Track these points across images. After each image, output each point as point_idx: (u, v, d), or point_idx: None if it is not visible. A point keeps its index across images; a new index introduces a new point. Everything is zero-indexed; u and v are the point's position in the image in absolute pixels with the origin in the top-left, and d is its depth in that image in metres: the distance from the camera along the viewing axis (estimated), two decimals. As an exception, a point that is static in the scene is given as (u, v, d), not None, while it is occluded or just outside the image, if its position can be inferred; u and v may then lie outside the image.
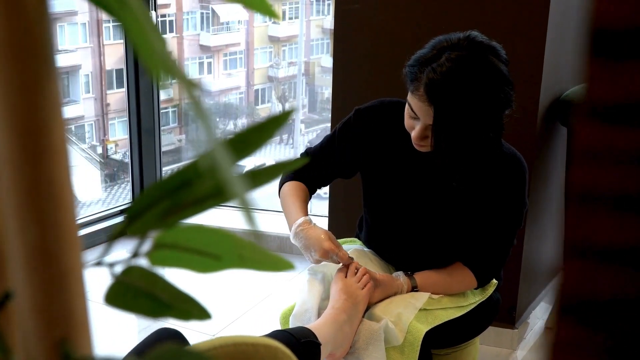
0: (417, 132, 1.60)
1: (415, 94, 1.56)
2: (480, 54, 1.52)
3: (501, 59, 1.55)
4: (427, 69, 1.52)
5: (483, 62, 1.51)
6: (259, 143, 0.39)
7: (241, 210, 0.33)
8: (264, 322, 2.76)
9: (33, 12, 0.31)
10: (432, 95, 1.51)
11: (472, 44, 1.52)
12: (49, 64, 0.32)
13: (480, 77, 1.50)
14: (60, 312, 0.33)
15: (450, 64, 1.50)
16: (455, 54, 1.51)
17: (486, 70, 1.51)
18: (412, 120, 1.62)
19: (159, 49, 0.29)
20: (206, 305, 0.45)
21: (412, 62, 1.58)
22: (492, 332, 2.49)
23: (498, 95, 1.52)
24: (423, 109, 1.55)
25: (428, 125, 1.58)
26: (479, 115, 1.53)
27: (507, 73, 1.54)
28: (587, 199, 0.34)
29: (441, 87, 1.50)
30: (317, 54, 11.73)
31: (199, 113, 0.30)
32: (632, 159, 0.33)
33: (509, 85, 1.54)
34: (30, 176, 0.32)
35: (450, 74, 1.50)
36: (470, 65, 1.50)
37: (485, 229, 1.74)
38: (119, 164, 9.31)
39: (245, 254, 0.44)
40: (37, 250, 0.32)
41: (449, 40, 1.54)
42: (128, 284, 0.39)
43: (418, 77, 1.54)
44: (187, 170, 0.38)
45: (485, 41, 1.55)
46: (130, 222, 0.38)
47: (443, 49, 1.53)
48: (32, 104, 0.31)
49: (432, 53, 1.54)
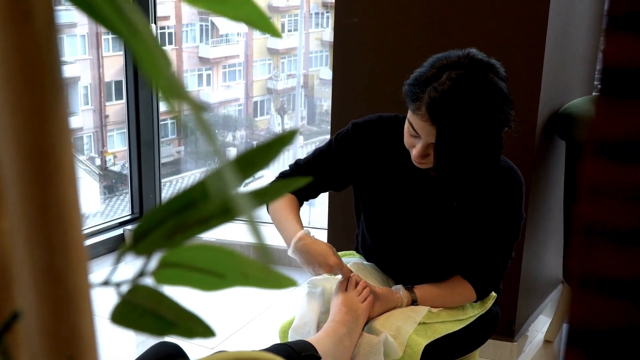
0: (418, 151, 1.61)
1: (416, 114, 1.56)
2: (480, 72, 1.52)
3: (500, 76, 1.55)
4: (429, 89, 1.52)
5: (483, 80, 1.52)
6: (264, 162, 0.39)
7: (249, 228, 0.33)
8: (263, 335, 2.75)
9: (42, 33, 0.32)
10: (434, 114, 1.52)
11: (472, 62, 1.53)
12: (57, 84, 0.32)
13: (481, 96, 1.51)
14: (68, 332, 0.33)
15: (451, 82, 1.50)
16: (455, 73, 1.51)
17: (487, 88, 1.52)
18: (412, 139, 1.62)
19: (169, 75, 0.29)
20: (210, 323, 0.45)
21: (412, 81, 1.58)
22: (491, 345, 2.49)
23: (499, 113, 1.53)
24: (425, 128, 1.56)
25: (429, 143, 1.58)
26: (481, 133, 1.53)
27: (506, 91, 1.55)
28: (593, 233, 0.35)
29: (443, 106, 1.51)
30: (316, 66, 11.77)
31: (209, 138, 0.30)
32: (637, 195, 0.34)
33: (508, 104, 1.55)
34: (39, 197, 0.32)
35: (451, 93, 1.50)
36: (471, 84, 1.51)
37: (483, 243, 1.74)
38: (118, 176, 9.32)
39: (249, 272, 0.44)
40: (46, 271, 0.32)
41: (449, 59, 1.54)
42: (134, 303, 0.39)
43: (419, 97, 1.54)
44: (192, 190, 0.38)
45: (485, 59, 1.55)
46: (137, 241, 0.38)
47: (443, 67, 1.53)
48: (41, 125, 0.31)
49: (431, 72, 1.54)
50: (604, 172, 0.34)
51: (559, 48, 2.42)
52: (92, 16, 0.31)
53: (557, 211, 2.73)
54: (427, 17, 2.40)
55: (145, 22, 0.31)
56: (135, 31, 0.29)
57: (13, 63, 0.30)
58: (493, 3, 2.31)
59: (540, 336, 2.78)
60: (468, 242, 1.75)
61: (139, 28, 0.29)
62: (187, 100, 0.30)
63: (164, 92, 0.29)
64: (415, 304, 1.75)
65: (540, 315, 2.85)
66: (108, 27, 0.30)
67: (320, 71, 11.57)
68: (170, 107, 0.29)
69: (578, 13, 2.60)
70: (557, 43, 2.39)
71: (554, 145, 2.58)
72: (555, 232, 2.79)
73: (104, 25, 0.30)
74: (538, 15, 2.25)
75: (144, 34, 0.29)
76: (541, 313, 2.86)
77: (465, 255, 1.77)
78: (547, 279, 2.89)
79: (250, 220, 0.34)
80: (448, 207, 1.72)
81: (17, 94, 0.31)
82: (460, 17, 2.35)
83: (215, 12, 0.47)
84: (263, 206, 0.41)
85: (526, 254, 2.47)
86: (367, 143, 1.78)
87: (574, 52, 2.65)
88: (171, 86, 0.29)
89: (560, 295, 2.75)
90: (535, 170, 2.40)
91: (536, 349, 2.71)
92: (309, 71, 11.65)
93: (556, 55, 2.40)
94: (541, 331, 2.80)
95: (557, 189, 2.69)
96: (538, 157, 2.43)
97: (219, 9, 0.47)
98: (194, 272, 0.42)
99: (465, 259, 1.77)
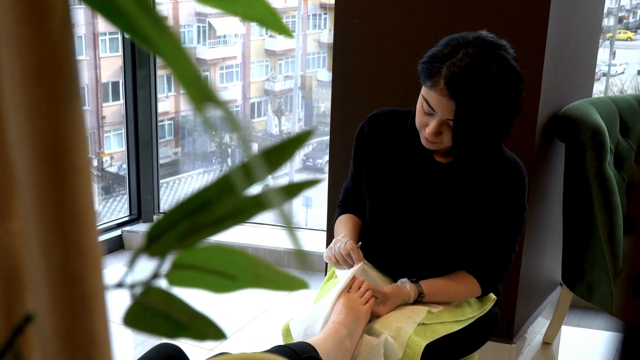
0: (432, 128, 1.63)
1: (433, 89, 1.59)
2: (494, 50, 1.59)
3: (511, 55, 1.62)
4: (447, 64, 1.57)
5: (498, 58, 1.58)
6: (278, 163, 0.39)
7: (288, 233, 0.33)
8: (264, 335, 2.75)
9: (58, 33, 0.31)
10: (453, 88, 1.56)
11: (485, 42, 1.60)
12: (73, 87, 0.32)
13: (498, 72, 1.57)
14: (82, 335, 0.33)
15: (469, 59, 1.56)
16: (472, 50, 1.57)
17: (502, 65, 1.58)
18: (426, 117, 1.65)
19: (199, 79, 0.29)
20: (222, 326, 0.45)
21: (428, 59, 1.63)
22: (490, 347, 2.49)
23: (513, 90, 1.59)
24: (443, 103, 1.59)
25: (444, 120, 1.61)
26: (496, 107, 1.58)
27: (519, 69, 1.62)
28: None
29: (462, 80, 1.55)
30: (314, 67, 11.77)
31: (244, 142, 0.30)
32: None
33: (521, 81, 1.62)
34: (55, 199, 0.31)
35: (469, 68, 1.56)
36: (487, 60, 1.57)
37: (486, 235, 1.75)
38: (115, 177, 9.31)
39: (261, 274, 0.44)
40: (61, 273, 0.32)
41: (464, 38, 1.61)
42: (146, 305, 0.39)
43: (438, 72, 1.59)
44: (206, 191, 0.38)
45: (495, 40, 1.62)
46: (150, 243, 0.38)
47: (459, 45, 1.59)
48: (57, 128, 0.31)
49: (447, 49, 1.60)
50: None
51: (558, 50, 2.42)
52: (113, 19, 0.30)
53: (557, 213, 2.73)
54: (426, 18, 2.40)
55: (167, 21, 0.30)
56: (164, 32, 0.28)
57: (29, 64, 0.30)
58: (493, 6, 2.31)
59: (539, 338, 2.78)
60: (471, 233, 1.75)
61: (168, 29, 0.29)
62: (217, 102, 0.29)
63: (194, 95, 0.29)
64: (421, 297, 1.75)
65: (539, 317, 2.85)
66: (132, 30, 0.29)
67: (318, 73, 11.57)
68: (200, 110, 0.29)
69: (578, 16, 2.60)
70: (557, 45, 2.39)
71: (553, 147, 2.58)
72: (554, 234, 2.78)
73: (127, 28, 0.30)
74: (538, 18, 2.25)
75: (173, 35, 0.29)
76: (540, 315, 2.86)
77: (469, 248, 1.77)
78: (545, 281, 2.89)
79: (288, 226, 0.34)
80: (452, 194, 1.73)
81: (34, 95, 0.30)
82: (459, 19, 2.35)
83: (227, 11, 0.46)
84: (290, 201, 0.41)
85: (525, 256, 2.47)
86: (377, 132, 1.82)
87: (574, 55, 2.65)
88: (201, 89, 0.29)
89: (558, 297, 2.74)
90: (535, 172, 2.39)
91: (535, 350, 2.71)
92: (306, 73, 11.65)
93: (556, 58, 2.40)
94: (540, 333, 2.80)
95: (556, 191, 2.68)
96: (538, 159, 2.43)
97: (231, 8, 0.46)
98: (206, 274, 0.42)
99: (468, 252, 1.78)
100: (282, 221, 0.33)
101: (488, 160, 1.72)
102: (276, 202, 0.41)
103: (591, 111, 2.44)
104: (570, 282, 2.62)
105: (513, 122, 1.65)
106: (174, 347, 1.48)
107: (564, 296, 2.69)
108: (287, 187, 0.42)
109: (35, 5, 0.29)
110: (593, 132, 2.36)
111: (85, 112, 0.41)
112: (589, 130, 2.36)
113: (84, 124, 0.32)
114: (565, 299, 2.69)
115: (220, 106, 0.29)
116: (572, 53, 2.63)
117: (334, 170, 2.66)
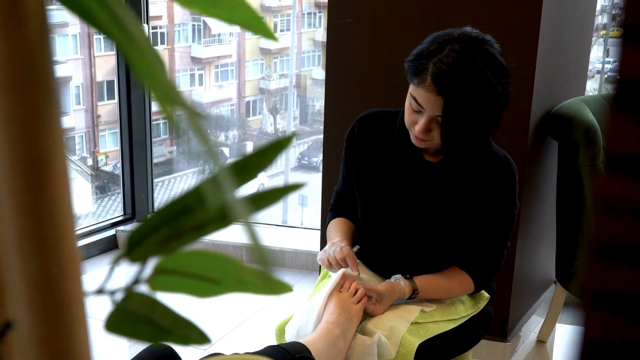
0: (421, 126, 1.63)
1: (421, 86, 1.60)
2: (479, 45, 1.59)
3: (497, 49, 1.63)
4: (433, 60, 1.58)
5: (484, 52, 1.59)
6: (260, 168, 0.39)
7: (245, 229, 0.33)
8: (257, 336, 2.75)
9: (35, 38, 0.31)
10: (440, 85, 1.57)
11: (470, 38, 1.60)
12: (50, 91, 0.32)
13: (484, 67, 1.57)
14: (62, 341, 0.33)
15: (455, 54, 1.57)
16: (458, 46, 1.58)
17: (488, 60, 1.59)
18: (415, 115, 1.65)
19: (163, 80, 0.29)
20: (204, 329, 0.45)
21: (414, 56, 1.63)
22: (484, 345, 2.49)
23: (500, 84, 1.60)
24: (430, 100, 1.59)
25: (433, 117, 1.62)
26: (484, 103, 1.59)
27: (505, 63, 1.62)
28: (608, 251, 0.34)
29: (448, 76, 1.56)
30: (309, 66, 11.76)
31: (205, 143, 0.30)
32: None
33: (507, 75, 1.62)
34: (32, 205, 0.31)
35: (456, 64, 1.56)
36: (474, 55, 1.57)
37: (478, 232, 1.75)
38: (109, 176, 9.30)
39: (245, 278, 0.44)
40: (39, 280, 0.32)
41: (449, 35, 1.61)
42: (128, 310, 0.39)
43: (425, 69, 1.59)
44: (187, 196, 0.38)
45: (480, 35, 1.63)
46: (131, 249, 0.38)
47: (445, 42, 1.60)
48: (34, 133, 0.31)
49: (433, 46, 1.60)
50: (619, 188, 0.33)
51: (551, 49, 2.42)
52: (86, 20, 0.30)
53: (550, 211, 2.73)
54: (419, 17, 2.40)
55: (138, 25, 0.30)
56: (129, 36, 0.28)
57: (5, 69, 0.30)
58: (486, 5, 2.31)
59: (533, 336, 2.78)
60: (462, 230, 1.75)
61: (134, 32, 0.29)
62: (181, 105, 0.29)
63: (159, 98, 0.29)
64: (416, 293, 1.74)
65: (533, 316, 2.85)
66: (102, 31, 0.29)
67: (313, 71, 11.56)
68: (165, 111, 0.29)
69: (570, 14, 2.60)
70: (550, 44, 2.39)
71: (546, 146, 2.58)
72: (547, 232, 2.79)
73: (99, 29, 0.30)
74: (530, 17, 2.25)
75: (139, 39, 0.29)
76: (534, 313, 2.87)
77: (461, 244, 1.77)
78: (539, 279, 2.90)
79: (245, 221, 0.34)
80: (442, 193, 1.73)
81: (10, 100, 0.30)
82: (453, 18, 2.35)
83: (209, 15, 0.46)
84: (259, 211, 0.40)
85: (519, 254, 2.47)
86: (367, 134, 1.82)
87: (566, 53, 2.66)
88: (166, 91, 0.29)
89: (552, 295, 2.75)
90: (528, 170, 2.40)
91: (529, 349, 2.72)
92: (301, 71, 11.64)
93: (548, 56, 2.40)
94: (534, 331, 2.80)
95: (549, 189, 2.69)
96: (531, 157, 2.43)
97: (214, 12, 0.46)
98: (189, 279, 0.41)
99: (460, 248, 1.78)
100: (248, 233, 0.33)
101: (477, 155, 1.72)
102: (259, 207, 0.41)
103: (584, 109, 2.44)
104: (564, 280, 2.62)
105: (501, 117, 1.66)
106: (166, 347, 1.48)
107: (558, 294, 2.69)
108: (270, 191, 0.42)
109: (10, 12, 0.29)
110: (586, 130, 2.36)
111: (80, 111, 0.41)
112: (581, 128, 2.36)
113: (62, 130, 0.32)
114: (559, 296, 2.69)
115: (185, 109, 0.29)
116: (565, 51, 2.63)
117: (328, 169, 2.66)
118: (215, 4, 0.46)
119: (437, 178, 1.74)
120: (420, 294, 1.75)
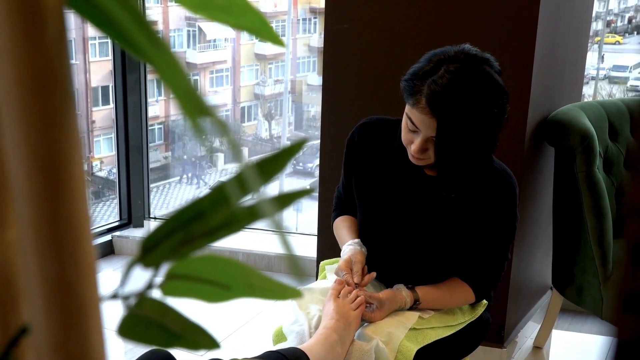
0: (417, 146, 1.62)
1: (416, 107, 1.58)
2: (476, 65, 1.56)
3: (495, 69, 1.60)
4: (428, 81, 1.55)
5: (480, 72, 1.55)
6: (272, 173, 0.39)
7: (279, 239, 0.33)
8: (255, 340, 2.74)
9: (53, 44, 0.31)
10: (434, 106, 1.54)
11: (468, 57, 1.57)
12: (68, 96, 0.32)
13: (479, 87, 1.54)
14: (78, 345, 0.33)
15: (450, 75, 1.54)
16: (453, 66, 1.55)
17: (483, 80, 1.55)
18: (411, 134, 1.64)
19: (192, 92, 0.29)
20: (215, 335, 0.45)
21: (409, 76, 1.61)
22: (481, 351, 2.49)
23: (496, 105, 1.57)
24: (425, 121, 1.57)
25: (429, 137, 1.60)
26: (479, 124, 1.56)
27: (502, 83, 1.59)
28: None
29: (443, 98, 1.53)
30: (304, 71, 11.75)
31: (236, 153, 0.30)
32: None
33: (505, 96, 1.60)
34: (50, 210, 0.31)
35: (450, 86, 1.53)
36: (469, 76, 1.54)
37: (478, 244, 1.75)
38: (105, 182, 9.27)
39: (255, 283, 0.44)
40: (56, 283, 0.32)
41: (445, 54, 1.58)
42: (140, 315, 0.39)
43: (419, 90, 1.57)
44: (201, 201, 0.38)
45: (479, 53, 1.59)
46: (145, 254, 0.38)
47: (440, 61, 1.57)
48: (52, 138, 0.31)
49: (429, 66, 1.57)
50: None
51: (548, 55, 2.43)
52: (107, 30, 0.30)
53: (547, 217, 2.74)
54: (416, 23, 2.41)
55: (158, 32, 0.30)
56: (158, 45, 0.28)
57: (25, 74, 0.30)
58: (482, 10, 2.32)
59: (529, 342, 2.79)
60: (462, 243, 1.75)
61: (160, 41, 0.29)
62: (209, 116, 0.29)
63: (187, 109, 0.29)
64: (417, 304, 1.75)
65: (529, 322, 2.85)
66: (125, 42, 0.29)
67: (308, 77, 11.55)
68: (191, 120, 0.29)
69: (566, 20, 2.61)
70: (546, 50, 2.40)
71: (543, 152, 2.59)
72: (544, 238, 2.79)
73: (120, 40, 0.30)
74: (527, 23, 2.26)
75: (166, 48, 0.29)
76: (530, 319, 2.87)
77: (461, 256, 1.78)
78: (536, 285, 2.90)
79: (280, 231, 0.34)
80: (442, 206, 1.73)
81: (29, 105, 0.30)
82: (449, 23, 2.35)
83: (218, 21, 0.46)
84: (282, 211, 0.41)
85: (515, 260, 2.48)
86: (367, 142, 1.82)
87: (563, 59, 2.67)
88: (194, 103, 0.29)
89: (549, 301, 2.75)
90: (524, 176, 2.40)
91: (525, 355, 2.72)
92: (296, 77, 11.63)
93: (545, 62, 2.41)
94: (530, 337, 2.81)
95: (546, 196, 2.70)
96: (527, 163, 2.44)
97: (222, 18, 0.46)
98: (200, 284, 0.42)
99: (461, 260, 1.78)
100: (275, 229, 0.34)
101: (475, 173, 1.70)
102: (269, 212, 0.41)
103: (580, 115, 2.45)
104: (561, 286, 2.63)
105: (498, 137, 1.64)
106: (164, 353, 1.48)
107: (554, 300, 2.70)
108: (279, 197, 0.42)
109: (30, 16, 0.30)
110: (582, 136, 2.37)
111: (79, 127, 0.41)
112: (578, 135, 2.37)
113: (79, 133, 0.33)
114: (556, 303, 2.70)
115: (213, 117, 0.29)
116: (561, 57, 2.64)
117: (324, 175, 2.66)
118: (224, 10, 0.47)
119: (436, 192, 1.74)
120: (422, 304, 1.76)
